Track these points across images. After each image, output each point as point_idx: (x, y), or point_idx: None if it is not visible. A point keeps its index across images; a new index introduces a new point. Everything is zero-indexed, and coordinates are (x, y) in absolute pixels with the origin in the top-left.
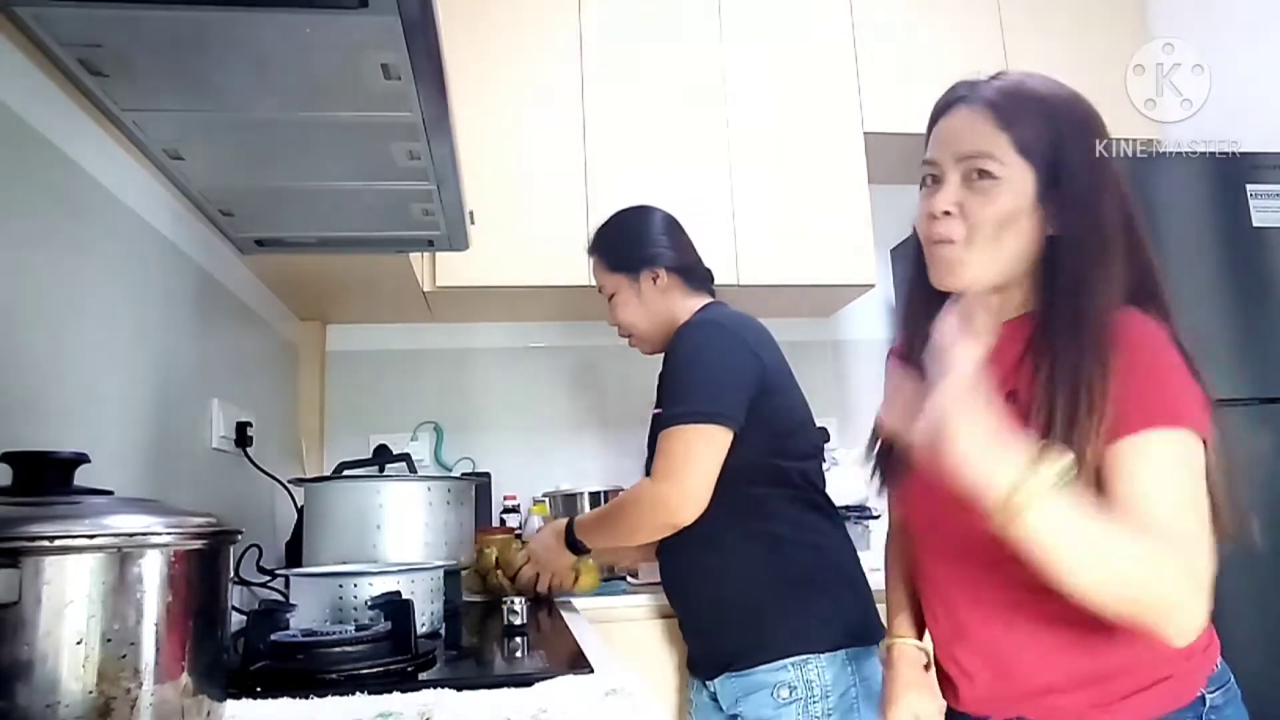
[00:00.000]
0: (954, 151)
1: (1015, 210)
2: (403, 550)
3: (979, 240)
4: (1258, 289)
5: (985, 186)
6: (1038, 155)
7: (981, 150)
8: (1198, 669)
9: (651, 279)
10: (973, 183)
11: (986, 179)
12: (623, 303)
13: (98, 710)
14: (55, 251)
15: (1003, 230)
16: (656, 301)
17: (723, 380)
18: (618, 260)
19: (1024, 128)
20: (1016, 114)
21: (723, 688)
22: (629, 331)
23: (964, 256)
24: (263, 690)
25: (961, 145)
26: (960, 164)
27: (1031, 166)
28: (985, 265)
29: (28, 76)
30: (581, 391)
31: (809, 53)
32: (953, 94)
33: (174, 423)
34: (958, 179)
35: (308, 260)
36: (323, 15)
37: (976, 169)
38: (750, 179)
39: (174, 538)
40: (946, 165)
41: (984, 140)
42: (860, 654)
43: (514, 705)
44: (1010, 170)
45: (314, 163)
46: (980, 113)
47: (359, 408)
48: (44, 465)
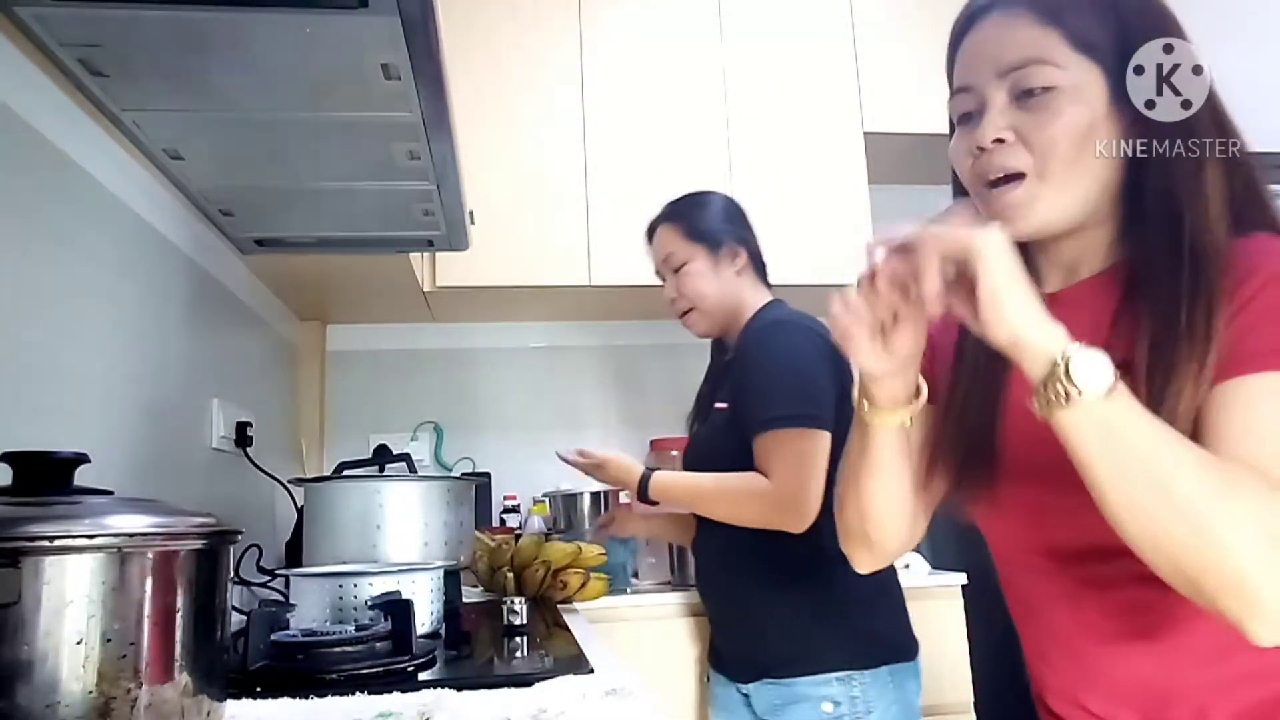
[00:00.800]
0: (994, 66)
1: (1089, 123)
2: (403, 550)
3: (1052, 167)
4: None
5: (1044, 101)
6: (1101, 48)
7: (1030, 56)
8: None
9: (731, 257)
10: (1026, 100)
11: (1043, 92)
12: (696, 273)
13: (98, 710)
14: (55, 251)
15: (1079, 150)
16: (731, 282)
17: (821, 385)
18: (700, 231)
19: (1077, 18)
20: (1064, 3)
21: (759, 693)
22: (693, 305)
23: (1036, 192)
24: (263, 690)
25: (1003, 56)
26: (1004, 80)
27: (1096, 64)
28: (1062, 199)
29: (28, 76)
30: (582, 391)
31: (809, 53)
32: (973, 5)
33: (174, 423)
34: (1004, 99)
35: (308, 260)
36: (323, 15)
37: (1026, 84)
38: (750, 179)
39: (174, 538)
40: (986, 85)
41: (1031, 44)
42: (901, 670)
43: (514, 705)
44: (1071, 74)
45: (314, 163)
46: (1017, 14)
47: (359, 408)
48: (44, 465)
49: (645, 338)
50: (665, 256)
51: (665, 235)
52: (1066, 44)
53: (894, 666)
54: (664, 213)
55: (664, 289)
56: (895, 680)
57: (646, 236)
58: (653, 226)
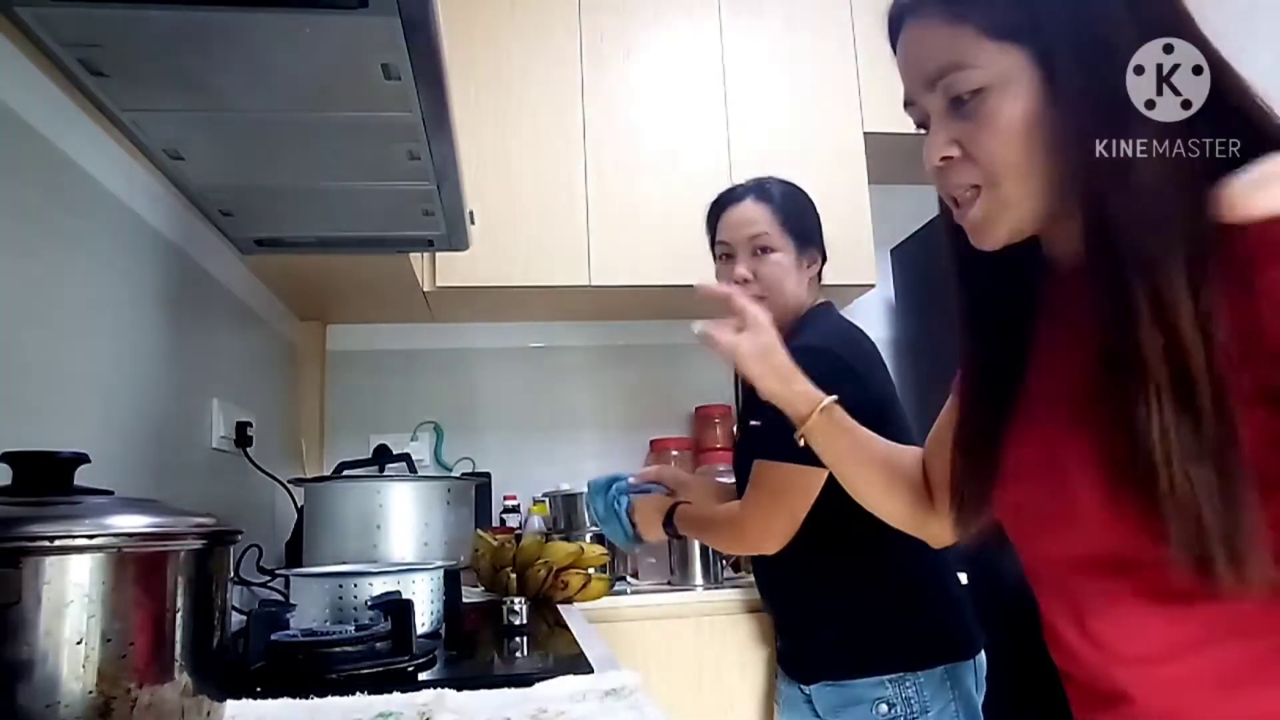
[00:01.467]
0: (921, 76)
1: (1026, 116)
2: (403, 550)
3: (1001, 175)
4: None
5: (975, 106)
6: (1022, 29)
7: (948, 62)
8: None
9: (810, 263)
10: (960, 108)
11: (972, 96)
12: (781, 265)
13: (98, 710)
14: (55, 252)
15: (1025, 149)
16: (802, 285)
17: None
18: (796, 225)
19: (985, 5)
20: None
21: (819, 694)
22: (766, 294)
23: (992, 203)
24: (263, 690)
25: (925, 65)
26: (934, 89)
27: (1020, 48)
28: (1022, 202)
29: (28, 76)
30: (581, 391)
31: (809, 53)
32: (896, 8)
33: (174, 423)
34: (941, 108)
35: (308, 260)
36: (323, 15)
37: (954, 91)
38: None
39: (174, 538)
40: (921, 97)
41: (946, 48)
42: (958, 669)
43: (514, 705)
44: (993, 70)
45: (314, 163)
46: (928, 17)
47: (359, 408)
48: (44, 465)
49: (645, 338)
50: (754, 234)
51: (759, 211)
52: (982, 36)
53: (950, 665)
54: (761, 188)
55: (727, 266)
56: (952, 679)
57: (722, 204)
58: (740, 195)
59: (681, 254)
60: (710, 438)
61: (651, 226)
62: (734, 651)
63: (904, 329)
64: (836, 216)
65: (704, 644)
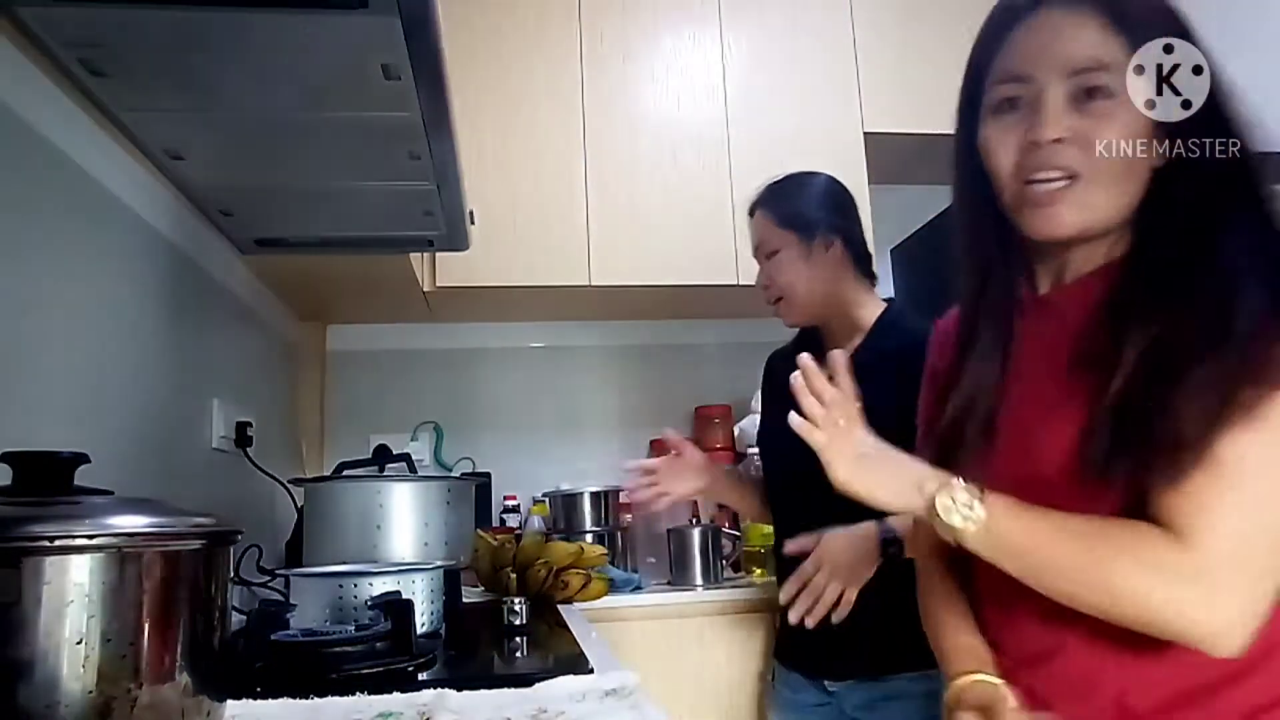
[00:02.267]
0: (1059, 62)
1: (1140, 134)
2: (403, 550)
3: (1104, 174)
4: None
5: (1104, 107)
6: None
7: (1101, 60)
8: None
9: (825, 246)
10: (1085, 103)
11: (1103, 98)
12: (787, 261)
13: (98, 710)
14: (55, 251)
15: (1129, 159)
16: (825, 270)
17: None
18: (792, 217)
19: (1142, 31)
20: (1134, 11)
21: (850, 692)
22: (781, 294)
23: (1085, 194)
24: (263, 690)
25: (1073, 54)
26: (1068, 79)
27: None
28: (1107, 204)
29: (28, 76)
30: (582, 391)
31: (809, 53)
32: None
33: (174, 423)
34: (1062, 98)
35: (308, 260)
36: (323, 15)
37: (1089, 85)
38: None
39: (174, 538)
40: (1048, 80)
41: (1098, 47)
42: None
43: (514, 705)
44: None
45: (314, 163)
46: (1087, 14)
47: (359, 408)
48: (44, 465)
49: (645, 338)
50: (758, 243)
51: (758, 221)
52: (1128, 53)
53: None
54: (760, 196)
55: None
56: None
57: (748, 215)
58: (751, 209)
59: (681, 254)
60: (710, 438)
61: (651, 226)
62: (734, 651)
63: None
64: None
65: (704, 644)
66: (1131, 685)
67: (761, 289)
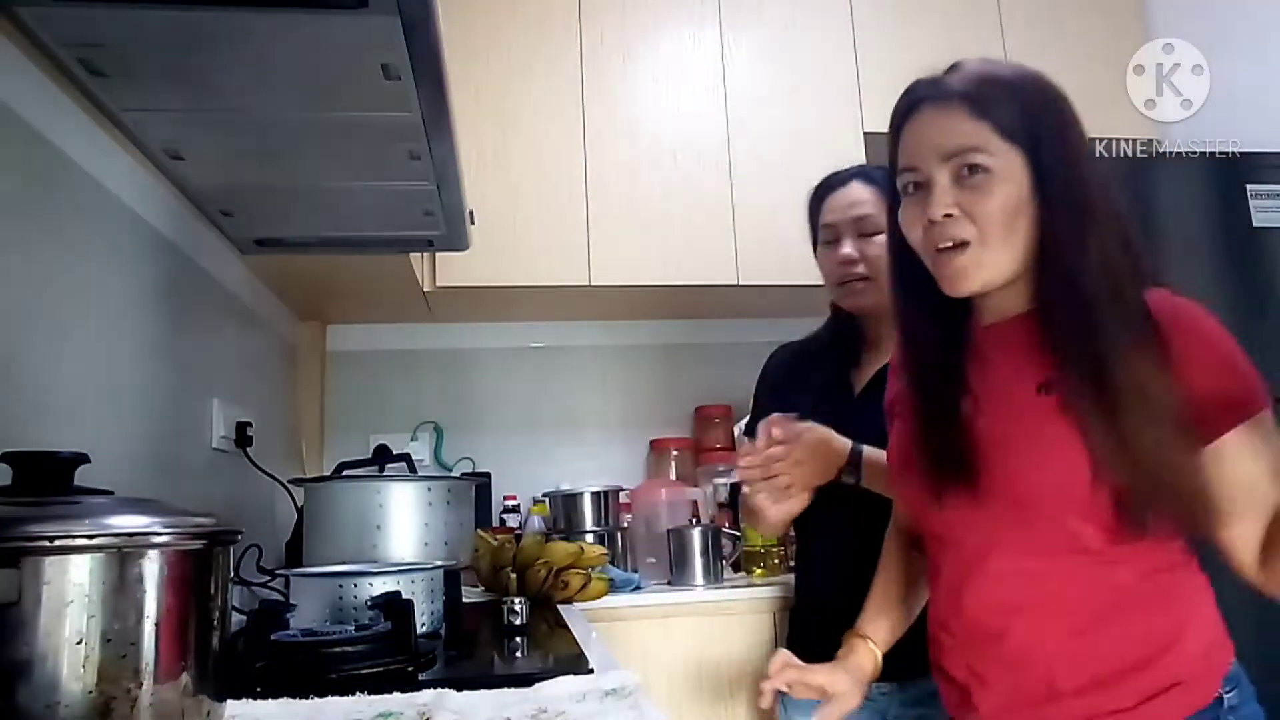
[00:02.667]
0: (937, 151)
1: (1018, 199)
2: (403, 550)
3: (991, 238)
4: (1258, 289)
5: (980, 181)
6: (1022, 137)
7: (968, 144)
8: (1214, 669)
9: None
10: (965, 180)
11: (980, 173)
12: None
13: (98, 710)
14: (55, 251)
15: (1011, 222)
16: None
17: None
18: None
19: (1002, 112)
20: (991, 100)
21: (890, 697)
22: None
23: (978, 256)
24: (263, 690)
25: (945, 143)
26: (948, 163)
27: (1020, 150)
28: (1000, 261)
29: (28, 76)
30: (581, 391)
31: (809, 53)
32: (914, 94)
33: (174, 423)
34: (947, 179)
35: (308, 260)
36: (323, 15)
37: (967, 165)
38: (750, 179)
39: (174, 538)
40: (931, 167)
41: (967, 134)
42: None
43: (514, 705)
44: (1001, 159)
45: (314, 162)
46: (954, 106)
47: (359, 408)
48: (44, 465)
49: (645, 338)
50: (861, 215)
51: (865, 193)
52: (996, 134)
53: None
54: (863, 172)
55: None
56: None
57: (827, 188)
58: (845, 179)
59: (681, 254)
60: (710, 438)
61: (651, 226)
62: (734, 651)
63: None
64: None
65: (704, 644)
66: (1061, 666)
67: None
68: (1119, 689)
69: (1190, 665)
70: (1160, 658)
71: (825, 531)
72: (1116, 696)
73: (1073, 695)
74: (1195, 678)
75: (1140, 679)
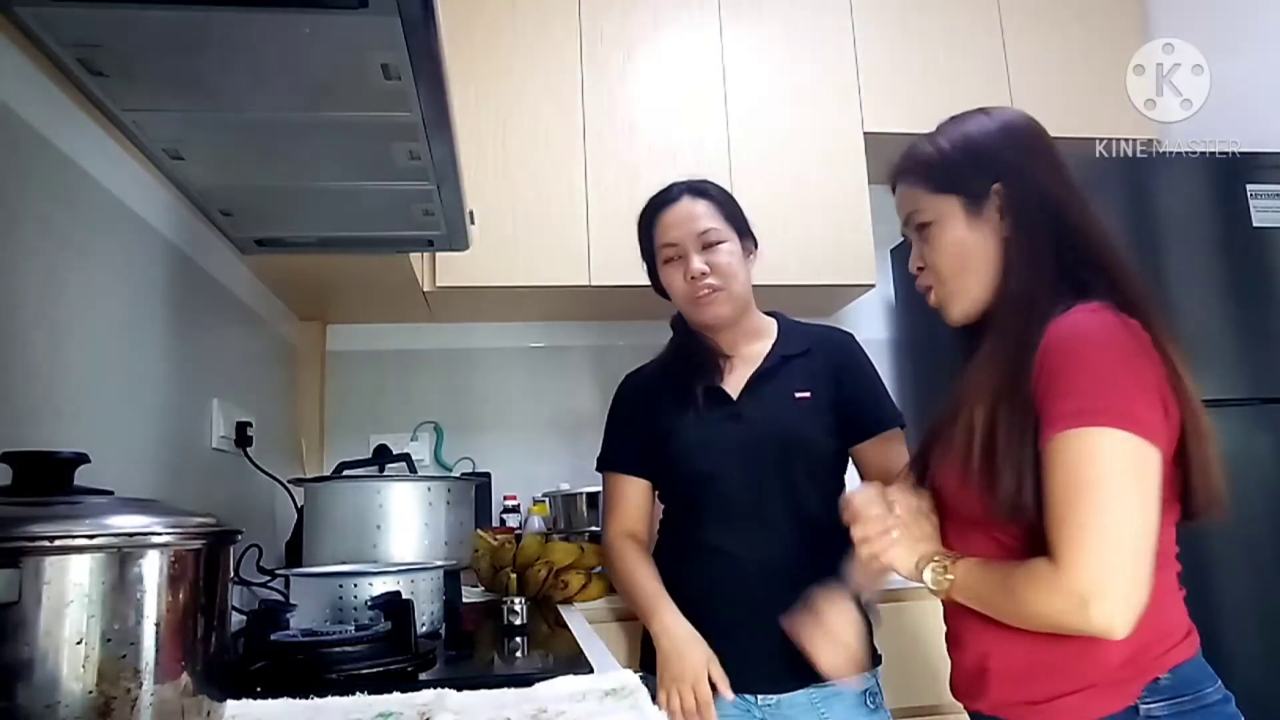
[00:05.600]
0: (904, 218)
1: (957, 240)
2: (403, 550)
3: (946, 280)
4: (1258, 289)
5: (926, 234)
6: (955, 186)
7: (911, 210)
8: (1134, 677)
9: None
10: (920, 234)
11: (925, 228)
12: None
13: (98, 710)
14: (55, 251)
15: (959, 262)
16: (749, 273)
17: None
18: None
19: (931, 173)
20: (919, 167)
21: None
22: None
23: (944, 295)
24: (263, 690)
25: (902, 212)
26: (910, 227)
27: (952, 196)
28: (964, 296)
29: (28, 76)
30: (581, 391)
31: (809, 53)
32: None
33: (174, 423)
34: (916, 238)
35: (308, 260)
36: (323, 15)
37: (916, 224)
38: (750, 179)
39: (174, 538)
40: (905, 230)
41: (909, 201)
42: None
43: (514, 705)
44: (935, 211)
45: (314, 163)
46: (907, 183)
47: (359, 408)
48: (44, 465)
49: (645, 338)
50: (703, 229)
51: (699, 207)
52: (928, 192)
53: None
54: (691, 186)
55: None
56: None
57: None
58: (675, 195)
59: None
60: None
61: None
62: None
63: (904, 329)
64: (836, 216)
65: None
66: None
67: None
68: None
69: (1106, 668)
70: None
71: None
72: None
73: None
74: (1110, 682)
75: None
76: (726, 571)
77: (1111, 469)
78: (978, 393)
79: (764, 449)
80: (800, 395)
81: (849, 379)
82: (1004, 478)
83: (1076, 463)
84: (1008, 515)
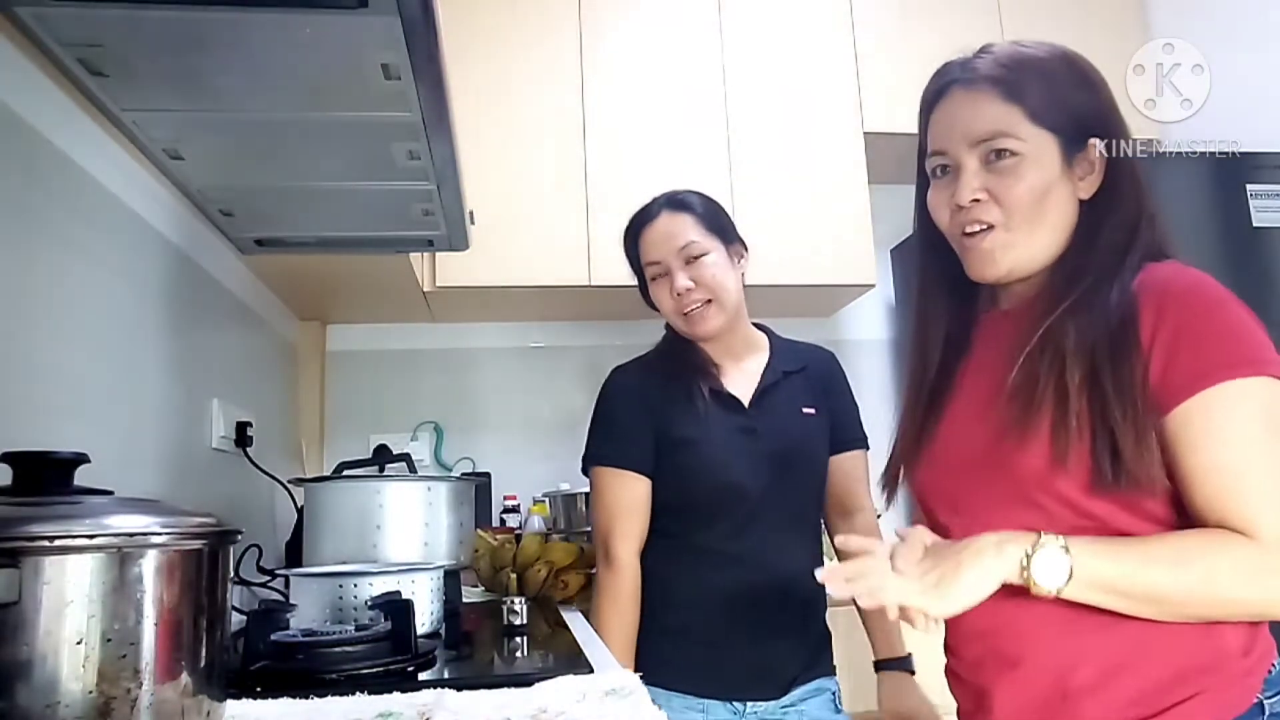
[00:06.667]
0: (966, 135)
1: (1046, 183)
2: (403, 550)
3: (1019, 221)
4: (1258, 289)
5: (1009, 165)
6: (1053, 120)
7: (997, 129)
8: (1250, 672)
9: (738, 257)
10: (994, 164)
11: (1009, 157)
12: (715, 264)
13: (98, 710)
14: (55, 251)
15: (1039, 207)
16: (738, 279)
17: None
18: (717, 224)
19: (1033, 95)
20: (1022, 83)
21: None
22: (712, 296)
23: (1006, 240)
24: (263, 690)
25: (973, 127)
26: (976, 148)
27: (1051, 134)
28: (1029, 247)
29: (28, 76)
30: (581, 391)
31: (809, 53)
32: (944, 76)
33: (174, 423)
34: (976, 163)
35: (308, 260)
36: (323, 15)
37: (995, 149)
38: (750, 179)
39: (174, 538)
40: (960, 151)
41: (997, 118)
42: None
43: (514, 705)
44: (1031, 144)
45: (314, 163)
46: (983, 90)
47: (359, 408)
48: (44, 465)
49: (645, 338)
50: (684, 244)
51: (677, 222)
52: (1027, 119)
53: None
54: (670, 200)
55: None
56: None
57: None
58: (654, 212)
59: None
60: None
61: None
62: None
63: (904, 329)
64: (836, 216)
65: None
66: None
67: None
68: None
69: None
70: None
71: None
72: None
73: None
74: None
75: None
76: (735, 580)
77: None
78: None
79: (778, 462)
80: (807, 411)
81: (833, 397)
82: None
83: (1246, 417)
84: (1126, 488)
